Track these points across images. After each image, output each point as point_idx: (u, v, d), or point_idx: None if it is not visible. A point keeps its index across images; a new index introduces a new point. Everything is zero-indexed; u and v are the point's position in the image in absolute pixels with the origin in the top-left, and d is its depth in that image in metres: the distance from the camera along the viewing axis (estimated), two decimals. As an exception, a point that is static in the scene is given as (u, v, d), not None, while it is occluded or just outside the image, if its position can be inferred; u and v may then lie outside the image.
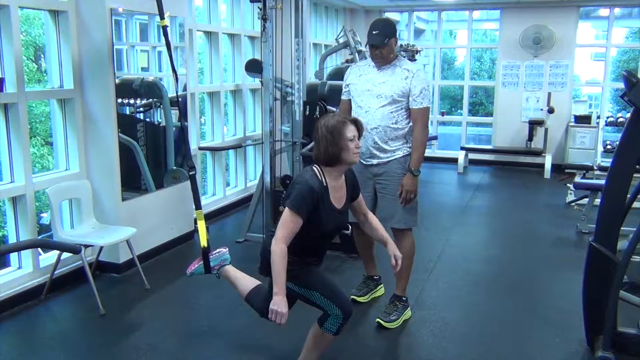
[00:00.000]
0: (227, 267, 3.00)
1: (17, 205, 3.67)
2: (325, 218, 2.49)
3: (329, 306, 2.50)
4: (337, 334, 2.56)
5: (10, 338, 3.31)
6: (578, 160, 7.60)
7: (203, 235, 3.10)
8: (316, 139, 2.54)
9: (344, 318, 2.51)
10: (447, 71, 19.63)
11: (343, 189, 2.61)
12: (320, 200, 2.45)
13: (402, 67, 3.30)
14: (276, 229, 2.43)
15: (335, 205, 2.54)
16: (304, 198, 2.41)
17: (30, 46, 11.67)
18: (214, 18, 5.75)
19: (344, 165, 2.54)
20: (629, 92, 2.74)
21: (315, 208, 2.43)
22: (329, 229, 2.56)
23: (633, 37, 19.07)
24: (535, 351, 3.15)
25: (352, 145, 2.50)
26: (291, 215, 2.40)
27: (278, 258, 2.35)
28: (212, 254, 3.01)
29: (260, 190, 4.75)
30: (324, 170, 2.52)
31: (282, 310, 2.35)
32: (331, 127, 2.48)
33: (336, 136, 2.47)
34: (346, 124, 2.51)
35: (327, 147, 2.48)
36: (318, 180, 2.48)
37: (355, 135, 2.53)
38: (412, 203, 3.34)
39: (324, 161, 2.51)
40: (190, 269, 3.04)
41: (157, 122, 4.87)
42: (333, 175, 2.53)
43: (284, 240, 2.38)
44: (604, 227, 2.93)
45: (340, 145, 2.47)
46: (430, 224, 5.45)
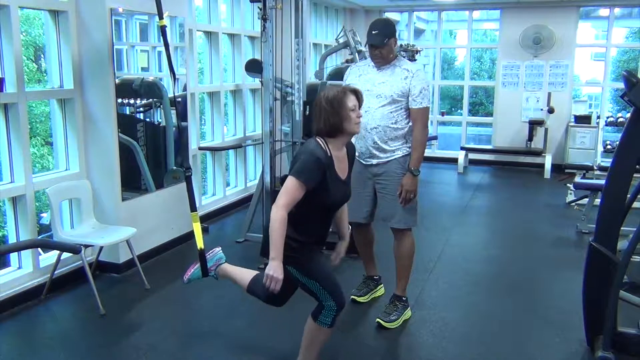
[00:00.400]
0: (224, 265, 3.01)
1: (17, 205, 3.68)
2: (332, 188, 2.48)
3: (325, 296, 2.51)
4: (331, 326, 2.56)
5: (10, 338, 3.31)
6: (578, 160, 7.60)
7: (199, 238, 3.09)
8: (316, 111, 2.53)
9: (337, 310, 2.52)
10: (447, 71, 19.63)
11: (346, 161, 2.61)
12: (327, 170, 2.45)
13: (401, 67, 3.30)
14: (278, 195, 2.41)
15: (340, 176, 2.54)
16: (311, 168, 2.40)
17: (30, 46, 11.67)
18: (214, 18, 5.75)
19: (345, 136, 2.54)
20: (629, 92, 2.74)
21: (322, 178, 2.43)
22: (336, 199, 2.55)
23: (633, 37, 19.07)
24: (535, 351, 3.15)
25: (354, 115, 2.50)
26: (296, 184, 2.39)
27: (278, 224, 2.34)
28: (207, 255, 3.01)
29: (260, 190, 4.75)
30: (327, 141, 2.51)
31: (278, 276, 2.34)
32: (331, 98, 2.48)
33: (337, 106, 2.47)
34: (347, 94, 2.51)
35: (327, 118, 2.47)
36: (322, 151, 2.47)
37: (356, 105, 2.53)
38: (412, 203, 3.34)
39: (326, 132, 2.50)
40: (186, 276, 3.03)
41: (157, 122, 4.87)
42: (336, 145, 2.53)
43: (285, 208, 2.37)
44: (604, 227, 2.93)
45: (341, 115, 2.47)
46: (430, 224, 5.45)
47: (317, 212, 2.52)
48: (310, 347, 2.65)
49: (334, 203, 2.57)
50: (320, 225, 2.60)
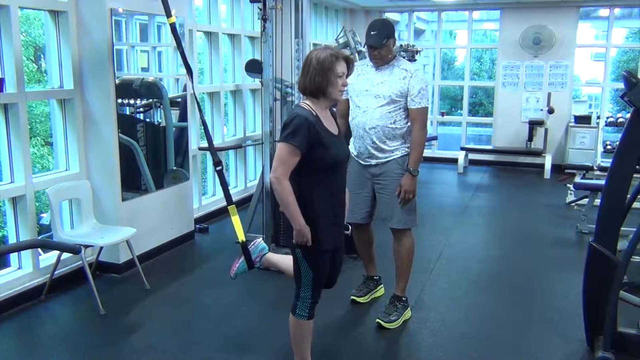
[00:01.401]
0: (268, 255, 2.99)
1: (17, 206, 3.68)
2: (328, 142, 2.47)
3: (307, 288, 2.54)
4: (310, 318, 2.58)
5: (10, 338, 3.30)
6: (578, 161, 7.59)
7: (239, 230, 3.04)
8: (304, 68, 2.51)
9: (312, 302, 2.56)
10: (447, 71, 19.64)
11: (332, 120, 2.61)
12: (318, 127, 2.44)
13: (400, 67, 3.30)
14: (273, 167, 2.41)
15: (332, 131, 2.54)
16: (300, 129, 2.39)
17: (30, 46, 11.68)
18: (214, 18, 5.76)
19: (328, 100, 2.53)
20: (629, 92, 2.74)
21: (316, 135, 2.42)
22: (335, 154, 2.52)
23: (633, 37, 19.06)
24: (535, 351, 3.15)
25: (340, 81, 2.49)
26: (289, 148, 2.38)
27: (287, 195, 2.37)
28: (250, 247, 2.98)
29: (260, 190, 4.75)
30: (311, 102, 2.51)
31: (307, 236, 2.41)
32: (322, 59, 2.46)
33: (326, 68, 2.45)
34: (339, 59, 2.48)
35: (313, 77, 2.45)
36: (308, 111, 2.47)
37: (345, 72, 2.51)
38: (411, 203, 3.34)
39: (309, 91, 2.49)
40: (232, 270, 2.97)
41: (157, 122, 4.87)
42: (319, 107, 2.52)
43: (285, 176, 2.38)
44: (604, 227, 2.93)
45: (328, 78, 2.45)
46: (430, 224, 5.45)
47: (324, 176, 2.50)
48: (299, 343, 2.65)
49: (335, 157, 2.54)
50: (334, 193, 2.57)
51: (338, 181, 2.61)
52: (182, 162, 4.95)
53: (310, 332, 2.66)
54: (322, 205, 2.51)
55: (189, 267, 4.38)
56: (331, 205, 2.56)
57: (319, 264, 2.55)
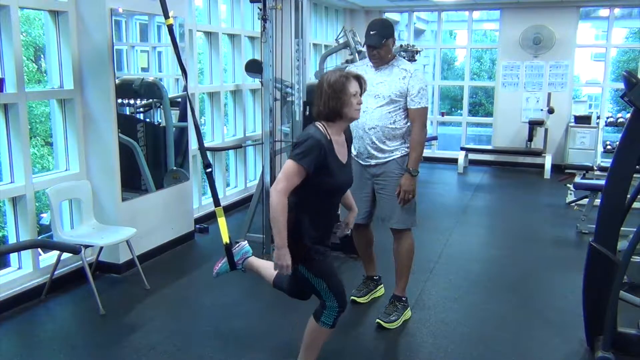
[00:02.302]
0: (250, 259, 3.01)
1: (17, 206, 3.68)
2: (334, 170, 2.48)
3: (329, 297, 2.51)
4: (333, 327, 2.57)
5: (10, 338, 3.30)
6: (578, 161, 7.59)
7: (224, 232, 3.08)
8: (317, 94, 2.51)
9: (339, 311, 2.53)
10: (447, 71, 19.64)
11: (345, 145, 2.61)
12: (328, 153, 2.44)
13: (399, 67, 3.30)
14: (276, 180, 2.41)
15: (341, 160, 2.54)
16: (311, 151, 2.39)
17: (30, 46, 11.67)
18: (214, 18, 5.76)
19: (344, 121, 2.53)
20: (629, 92, 2.74)
21: (324, 160, 2.42)
22: (339, 182, 2.54)
23: (633, 37, 19.07)
24: (536, 351, 3.15)
25: (354, 100, 2.50)
26: (296, 168, 2.38)
27: (279, 211, 2.35)
28: (234, 249, 3.00)
29: (260, 190, 4.74)
30: (327, 125, 2.51)
31: (287, 263, 2.40)
32: (333, 82, 2.47)
33: (338, 91, 2.46)
34: (349, 79, 2.50)
35: (327, 101, 2.46)
36: (322, 134, 2.47)
37: (358, 91, 2.52)
38: (411, 203, 3.34)
39: (325, 115, 2.50)
40: (215, 269, 3.02)
41: (157, 122, 4.87)
42: (335, 130, 2.52)
43: (285, 193, 2.37)
44: (604, 227, 2.93)
45: (342, 100, 2.46)
46: (430, 224, 5.45)
47: (323, 199, 2.51)
48: (311, 347, 2.65)
49: (339, 186, 2.56)
50: (327, 215, 2.60)
51: (334, 203, 2.65)
52: (182, 162, 4.95)
53: (325, 339, 2.66)
54: (311, 227, 2.51)
55: (188, 267, 4.37)
56: (322, 225, 2.58)
57: (325, 269, 2.54)
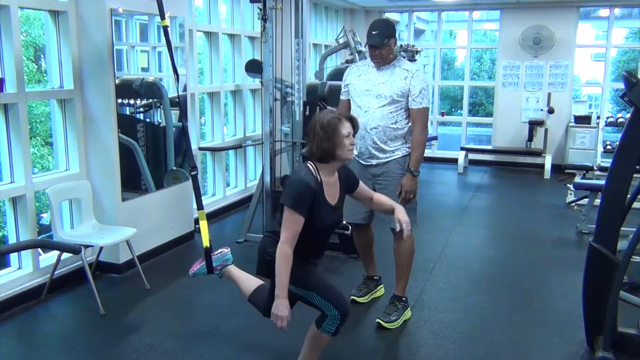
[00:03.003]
0: (230, 267, 3.00)
1: (17, 206, 3.67)
2: (321, 214, 2.48)
3: (327, 307, 2.50)
4: (335, 334, 2.56)
5: (10, 338, 3.30)
6: (578, 161, 7.59)
7: (205, 236, 3.09)
8: (310, 135, 2.53)
9: (341, 319, 2.51)
10: (447, 71, 19.63)
11: (337, 186, 2.60)
12: (316, 197, 2.45)
13: (401, 67, 3.30)
14: (280, 232, 2.41)
15: (329, 202, 2.53)
16: (302, 196, 2.40)
17: (30, 46, 11.66)
18: (214, 18, 5.76)
19: (338, 162, 2.53)
20: (629, 92, 2.74)
21: (312, 205, 2.43)
22: (325, 225, 2.55)
23: (633, 37, 19.06)
24: (535, 351, 3.15)
25: (347, 141, 2.49)
26: (292, 215, 2.40)
27: (282, 261, 2.36)
28: (214, 254, 3.01)
29: (260, 190, 4.75)
30: (318, 166, 2.51)
31: (284, 314, 2.37)
32: (325, 124, 2.47)
33: (330, 133, 2.46)
34: (341, 120, 2.50)
35: (320, 143, 2.47)
36: (313, 177, 2.47)
37: (350, 132, 2.52)
38: (412, 203, 3.34)
39: (318, 157, 2.50)
40: (192, 270, 3.04)
41: (157, 122, 4.87)
42: (327, 171, 2.53)
43: (289, 243, 2.38)
44: (604, 227, 2.93)
45: (334, 142, 2.46)
46: (430, 224, 5.45)
47: (309, 236, 2.50)
48: (311, 351, 2.66)
49: (323, 228, 2.56)
50: (312, 248, 2.60)
51: (321, 241, 2.65)
52: (182, 162, 4.95)
53: (325, 345, 2.66)
54: (305, 252, 2.49)
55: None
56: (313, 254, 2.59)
57: (313, 281, 2.53)
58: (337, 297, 2.51)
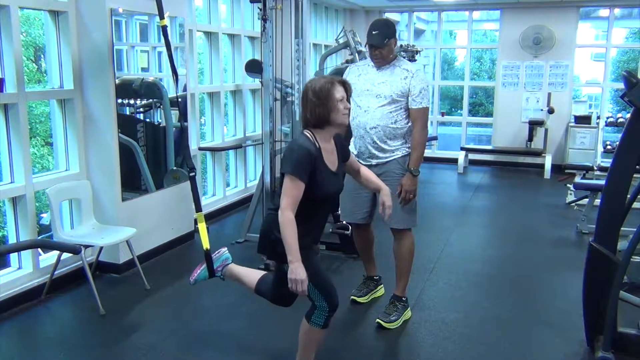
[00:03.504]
0: (230, 266, 3.00)
1: (17, 206, 3.68)
2: (323, 180, 2.46)
3: (317, 297, 2.50)
4: (325, 327, 2.55)
5: (10, 338, 3.31)
6: (578, 161, 7.59)
7: (205, 238, 3.08)
8: (303, 102, 2.51)
9: (329, 310, 2.52)
10: (447, 71, 19.64)
11: (334, 152, 2.59)
12: (316, 163, 2.44)
13: (401, 67, 3.30)
14: (280, 198, 2.41)
15: (330, 168, 2.53)
16: (303, 162, 2.39)
17: (30, 46, 11.67)
18: (214, 18, 5.76)
19: (333, 127, 2.52)
20: (629, 92, 2.74)
21: (313, 170, 2.42)
22: (328, 192, 2.53)
23: (633, 37, 19.07)
24: (535, 351, 3.15)
25: (341, 105, 2.48)
26: (293, 182, 2.38)
27: (288, 227, 2.34)
28: (214, 255, 3.00)
29: (260, 190, 4.75)
30: (315, 133, 2.50)
31: (301, 277, 2.35)
32: (318, 89, 2.45)
33: (323, 98, 2.44)
34: (334, 84, 2.48)
35: (314, 109, 2.45)
36: (311, 143, 2.46)
37: (344, 96, 2.50)
38: (412, 203, 3.34)
39: (313, 123, 2.49)
40: (193, 277, 3.01)
41: (157, 122, 4.87)
42: (324, 137, 2.51)
43: (290, 208, 2.36)
44: (604, 227, 2.93)
45: (328, 107, 2.45)
46: (430, 224, 5.45)
47: (310, 206, 2.48)
48: (307, 347, 2.65)
49: (325, 195, 2.54)
50: (315, 221, 2.58)
51: (323, 212, 2.64)
52: (182, 162, 4.95)
53: (320, 339, 2.65)
54: (307, 225, 2.49)
55: (189, 267, 4.33)
56: (315, 229, 2.58)
57: (311, 269, 2.50)
58: (329, 290, 2.52)
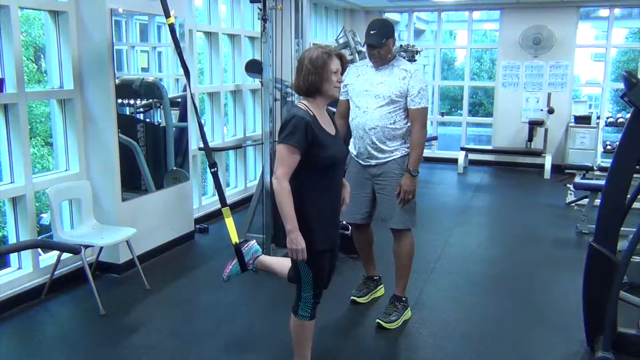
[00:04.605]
0: (261, 257, 2.99)
1: (17, 206, 3.67)
2: (325, 143, 2.46)
3: (307, 288, 2.53)
4: (312, 318, 2.58)
5: (10, 338, 3.31)
6: (578, 161, 7.59)
7: (233, 232, 3.05)
8: (298, 68, 2.51)
9: (314, 302, 2.55)
10: (447, 71, 19.64)
11: (329, 119, 2.60)
12: (315, 127, 2.44)
13: (400, 67, 3.30)
14: (274, 167, 2.41)
15: (328, 131, 2.53)
16: (298, 129, 2.39)
17: (30, 46, 11.68)
18: (214, 18, 5.76)
19: (323, 98, 2.51)
20: (629, 93, 2.74)
21: (313, 135, 2.42)
22: (333, 153, 2.51)
23: (633, 37, 19.08)
24: (536, 351, 3.15)
25: (335, 78, 2.48)
26: (287, 149, 2.38)
27: (283, 197, 2.36)
28: (243, 249, 2.98)
29: (260, 190, 4.74)
30: (308, 102, 2.50)
31: (301, 246, 2.37)
32: (315, 57, 2.45)
33: (319, 67, 2.44)
34: (331, 56, 2.48)
35: (307, 76, 2.45)
36: (304, 111, 2.46)
37: (339, 69, 2.50)
38: (411, 203, 3.34)
39: (304, 90, 2.48)
40: (225, 272, 2.99)
41: (157, 122, 4.87)
42: (317, 106, 2.51)
43: (285, 177, 2.37)
44: (604, 227, 2.93)
45: (322, 76, 2.44)
46: (430, 225, 5.45)
47: (323, 175, 2.48)
48: (300, 343, 2.65)
49: (333, 157, 2.53)
50: (332, 195, 2.57)
51: (336, 180, 2.61)
52: (182, 162, 4.95)
53: (311, 332, 2.66)
54: (320, 205, 2.50)
55: (189, 267, 4.38)
56: (329, 204, 2.56)
57: (318, 264, 2.54)
58: (321, 284, 2.55)
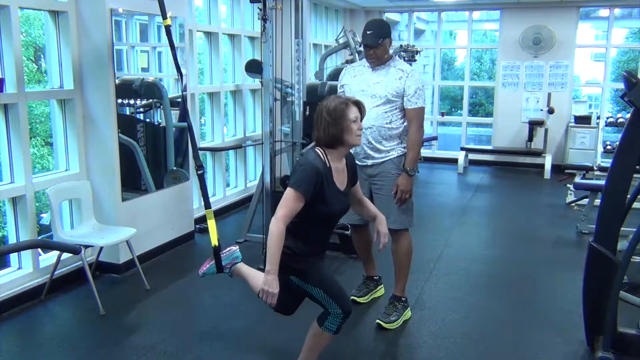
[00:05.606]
0: (239, 265, 2.98)
1: (17, 206, 3.68)
2: (330, 199, 2.47)
3: (330, 304, 2.50)
4: (336, 333, 2.56)
5: (10, 338, 3.31)
6: (578, 161, 7.60)
7: (214, 234, 3.06)
8: (317, 121, 2.52)
9: (343, 317, 2.51)
10: (447, 72, 19.65)
11: (345, 172, 2.60)
12: (325, 181, 2.44)
13: (396, 67, 3.30)
14: (277, 207, 2.41)
15: (338, 187, 2.53)
16: (309, 179, 2.39)
17: (30, 46, 11.68)
18: (214, 18, 5.76)
19: (345, 147, 2.53)
20: (629, 93, 2.74)
21: (320, 189, 2.42)
22: (334, 210, 2.54)
23: (633, 37, 19.08)
24: (536, 351, 3.15)
25: (355, 126, 2.49)
26: (294, 195, 2.39)
27: (275, 238, 2.35)
28: (223, 253, 2.98)
29: (260, 190, 4.74)
30: (326, 151, 2.51)
31: (273, 291, 2.35)
32: (332, 109, 2.46)
33: (337, 117, 2.45)
34: (349, 105, 2.49)
35: (327, 129, 2.46)
36: (322, 161, 2.47)
37: (358, 116, 2.51)
38: (408, 203, 3.34)
39: (325, 142, 2.49)
40: (202, 270, 3.00)
41: (157, 122, 4.87)
42: (335, 156, 2.52)
43: (284, 220, 2.37)
44: (604, 227, 2.93)
45: (342, 127, 2.45)
46: (430, 225, 5.45)
47: (316, 224, 2.51)
48: (312, 350, 2.65)
49: (332, 214, 2.56)
50: (320, 237, 2.60)
51: (328, 230, 2.64)
52: (182, 162, 4.95)
53: (327, 344, 2.65)
54: (312, 241, 2.53)
55: (189, 267, 4.37)
56: (320, 244, 2.60)
57: (319, 277, 2.53)
58: (341, 296, 2.52)
